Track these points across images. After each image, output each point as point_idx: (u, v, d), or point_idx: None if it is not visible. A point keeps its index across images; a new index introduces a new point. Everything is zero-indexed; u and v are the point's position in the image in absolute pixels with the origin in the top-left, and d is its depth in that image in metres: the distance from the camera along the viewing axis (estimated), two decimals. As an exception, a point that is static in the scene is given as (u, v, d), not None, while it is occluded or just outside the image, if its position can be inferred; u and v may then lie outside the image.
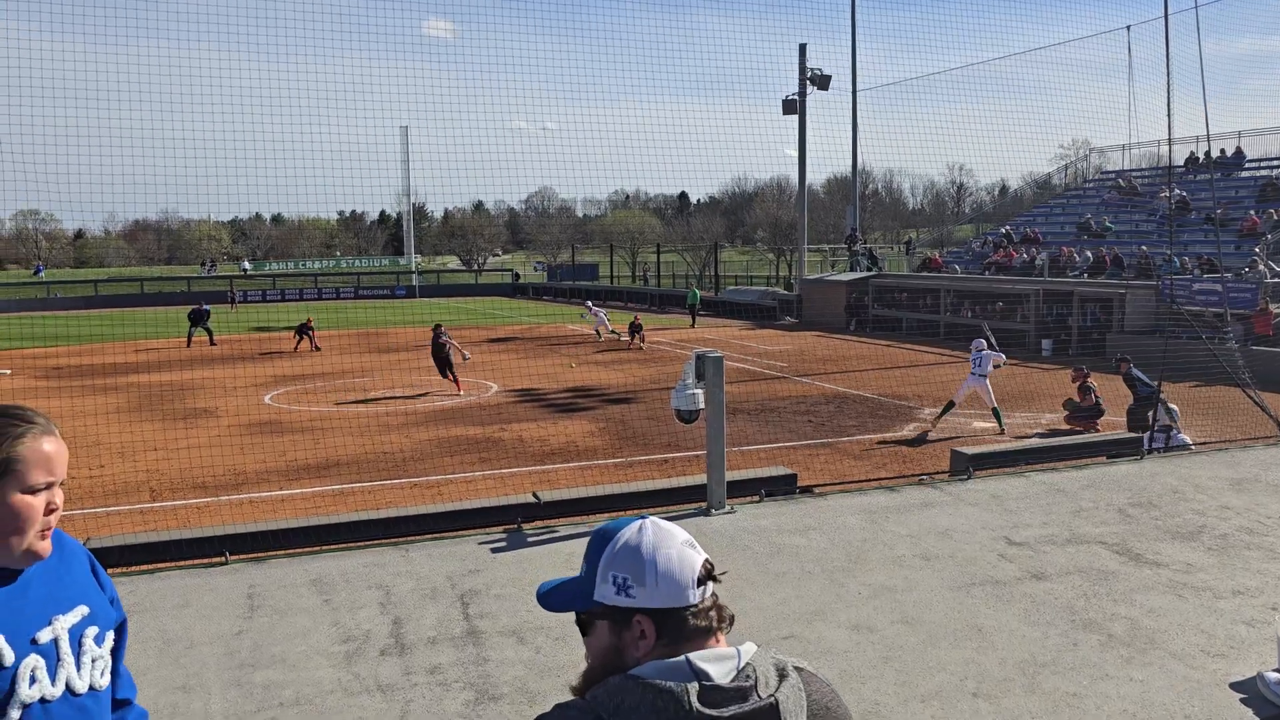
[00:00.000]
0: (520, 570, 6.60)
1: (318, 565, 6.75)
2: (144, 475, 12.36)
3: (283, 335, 30.24)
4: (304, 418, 16.54)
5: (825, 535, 7.30)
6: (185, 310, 32.34)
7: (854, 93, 37.14)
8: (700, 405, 7.85)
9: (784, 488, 8.73)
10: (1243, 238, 26.26)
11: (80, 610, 1.85)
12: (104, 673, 1.88)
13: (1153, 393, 12.14)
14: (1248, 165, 31.69)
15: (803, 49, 36.30)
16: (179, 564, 6.87)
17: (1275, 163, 30.67)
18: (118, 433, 14.78)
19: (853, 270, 36.21)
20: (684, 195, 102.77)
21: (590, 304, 33.68)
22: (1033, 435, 13.90)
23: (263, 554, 7.05)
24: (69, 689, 1.79)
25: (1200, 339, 13.90)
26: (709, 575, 1.49)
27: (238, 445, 13.85)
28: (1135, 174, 35.46)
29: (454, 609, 5.92)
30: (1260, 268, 23.31)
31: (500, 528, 7.57)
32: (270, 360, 25.35)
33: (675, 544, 1.49)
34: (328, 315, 40.36)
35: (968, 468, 9.20)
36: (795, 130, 37.48)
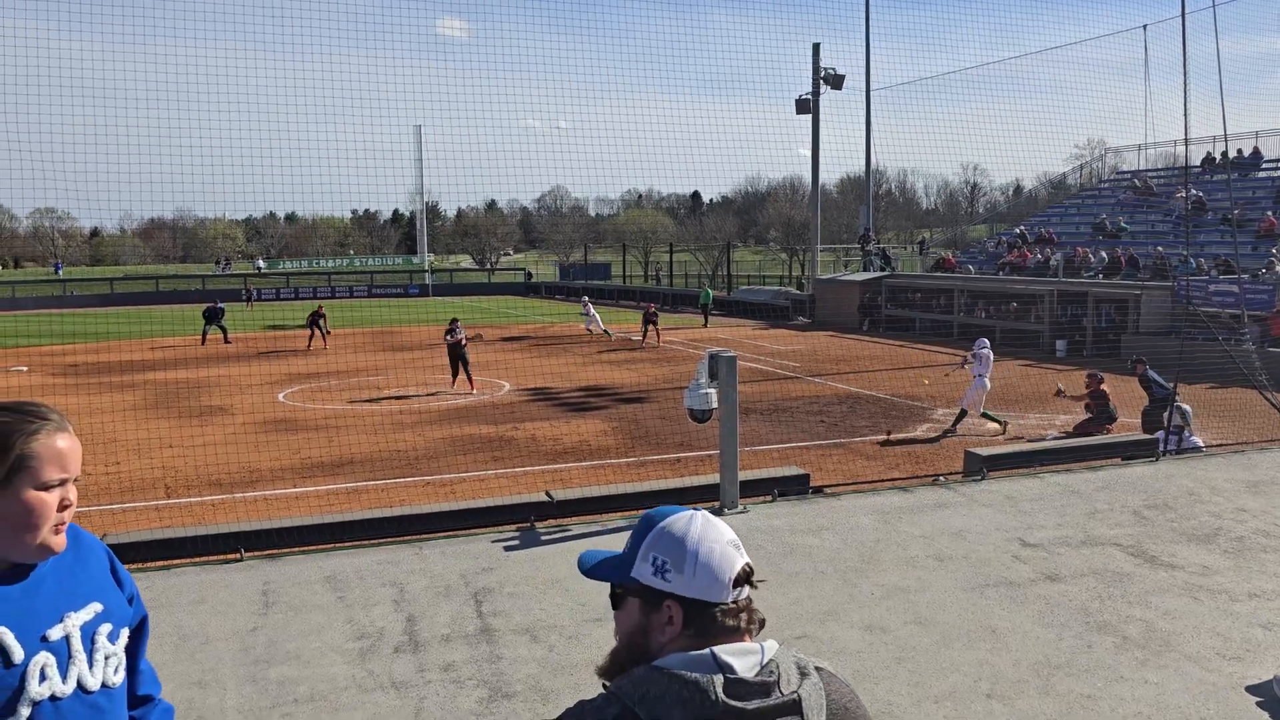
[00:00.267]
0: (533, 569, 6.62)
1: (332, 562, 6.79)
2: (159, 472, 12.44)
3: (296, 334, 30.36)
4: (317, 416, 16.61)
5: (838, 535, 7.29)
6: (200, 308, 32.50)
7: (868, 92, 37.07)
8: (713, 405, 7.85)
9: (797, 488, 8.72)
10: (1260, 239, 26.08)
11: (94, 607, 1.84)
12: (118, 670, 1.87)
13: (1168, 394, 12.07)
14: (1265, 165, 31.45)
15: (816, 48, 36.23)
16: (194, 560, 6.91)
17: (1293, 163, 30.45)
18: (133, 430, 14.88)
19: (866, 270, 36.11)
20: (697, 195, 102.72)
21: (587, 300, 33.50)
22: (1047, 437, 13.84)
23: (277, 551, 7.09)
24: (80, 686, 1.79)
25: (1216, 340, 13.81)
26: (747, 579, 1.50)
27: (252, 443, 13.92)
28: (1151, 174, 35.25)
29: (467, 607, 5.94)
30: (1277, 269, 23.15)
31: (513, 526, 7.59)
32: (284, 358, 25.46)
33: (720, 540, 1.51)
34: (341, 314, 40.50)
35: (981, 468, 9.17)
36: (809, 130, 37.44)
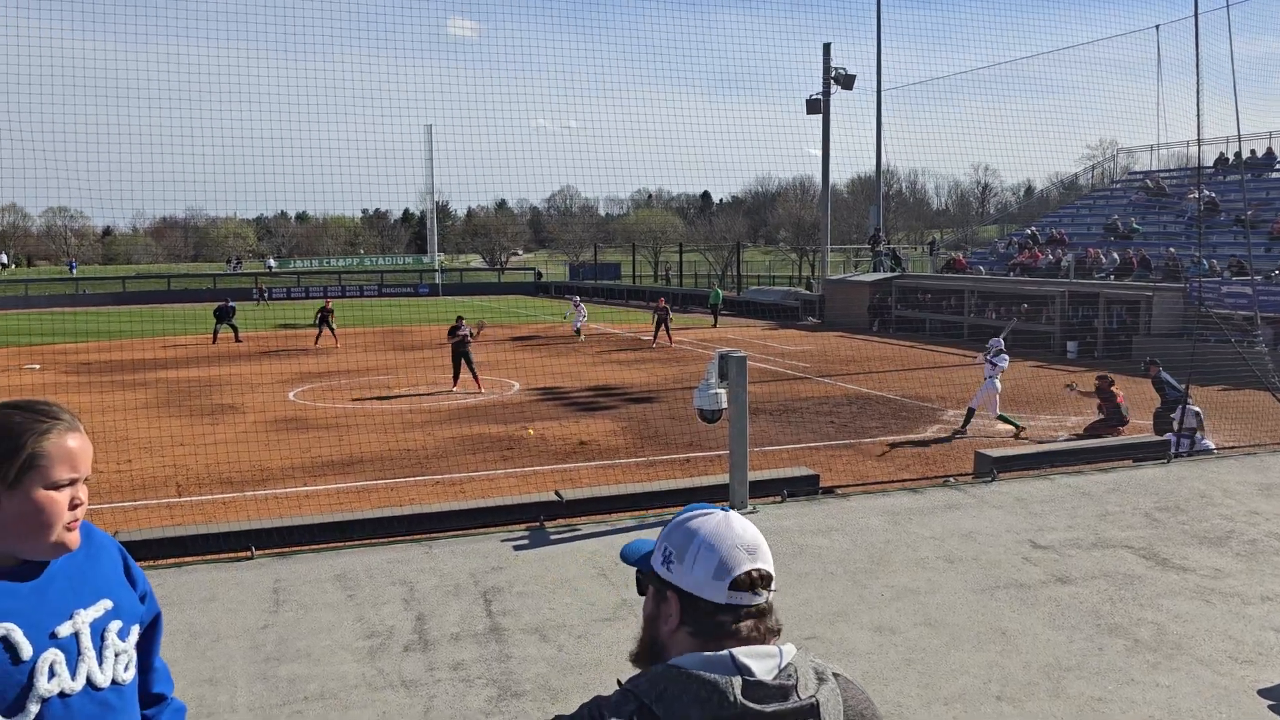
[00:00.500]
0: (542, 568, 6.62)
1: (342, 561, 6.81)
2: (170, 470, 12.49)
3: (308, 332, 30.43)
4: (328, 414, 16.66)
5: (848, 536, 7.28)
6: (211, 307, 32.58)
7: (879, 92, 36.99)
8: (723, 405, 7.85)
9: (806, 488, 8.71)
10: (1273, 240, 25.93)
11: (103, 604, 1.84)
12: (128, 667, 1.87)
13: (1180, 396, 12.02)
14: (1279, 166, 31.28)
15: (827, 48, 36.18)
16: (205, 558, 6.94)
17: (1307, 164, 30.27)
18: (145, 428, 14.94)
19: (876, 271, 36.03)
20: (706, 195, 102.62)
21: (578, 299, 33.13)
22: (1058, 438, 13.79)
23: (288, 549, 7.12)
24: (90, 683, 1.79)
25: (1229, 342, 13.75)
26: (752, 585, 1.46)
27: (262, 441, 13.96)
28: (1164, 175, 35.07)
29: (477, 606, 5.95)
30: (1291, 270, 23.00)
31: (523, 525, 7.60)
32: (295, 357, 25.54)
33: (729, 542, 1.48)
34: (351, 313, 40.61)
35: (992, 470, 9.15)
36: (819, 130, 37.39)
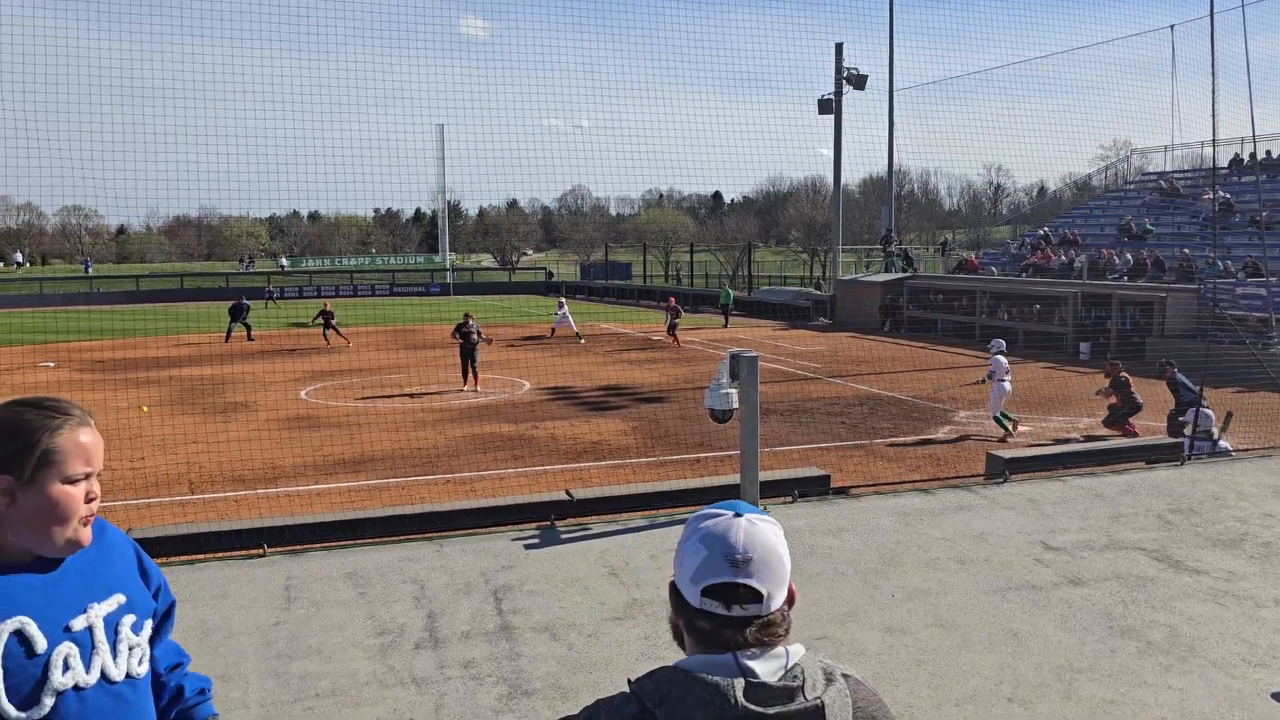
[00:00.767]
0: (553, 567, 6.63)
1: (353, 559, 6.83)
2: (183, 468, 12.55)
3: (318, 331, 30.53)
4: (339, 413, 16.71)
5: (859, 537, 7.27)
6: (224, 305, 32.69)
7: (891, 92, 36.88)
8: (734, 405, 7.84)
9: (817, 489, 8.70)
10: (1288, 241, 25.75)
11: (117, 598, 1.86)
12: (142, 661, 1.88)
13: (1195, 398, 11.96)
14: (1294, 167, 31.06)
15: (839, 48, 36.09)
16: (218, 555, 6.97)
17: (1323, 165, 30.04)
18: (158, 426, 15.02)
19: (887, 271, 35.95)
20: (718, 195, 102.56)
21: (563, 300, 32.91)
22: (1071, 439, 13.73)
23: (300, 547, 7.15)
24: (104, 677, 1.80)
25: (1244, 344, 13.67)
26: (722, 597, 1.41)
27: (274, 439, 14.01)
28: (1178, 175, 34.89)
29: (487, 604, 5.96)
30: (1306, 272, 22.85)
31: (533, 524, 7.61)
32: (307, 356, 25.63)
33: (717, 548, 1.43)
34: (363, 312, 40.73)
35: (1004, 471, 9.12)
36: (831, 130, 37.29)
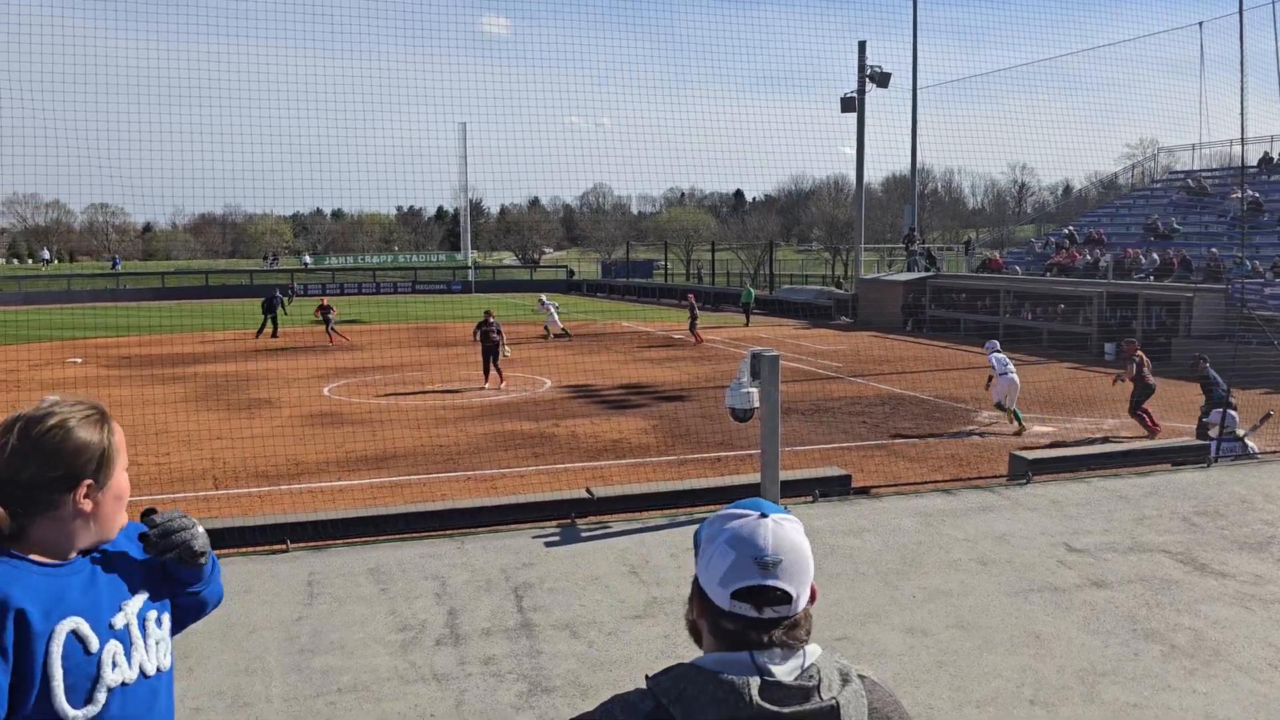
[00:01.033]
0: (573, 565, 6.65)
1: (375, 555, 6.88)
2: (207, 463, 12.66)
3: (341, 328, 30.70)
4: (361, 410, 16.81)
5: (879, 537, 7.24)
6: (247, 302, 32.90)
7: (914, 90, 36.69)
8: (755, 404, 7.83)
9: (838, 489, 8.67)
10: (1318, 241, 25.43)
11: (142, 595, 1.93)
12: (166, 653, 1.95)
13: (1224, 396, 11.86)
14: (1325, 166, 30.66)
15: (862, 46, 35.94)
16: (241, 550, 7.03)
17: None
18: (183, 421, 15.17)
19: (910, 270, 35.76)
20: (739, 193, 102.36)
21: (544, 298, 31.98)
22: (1095, 440, 13.62)
23: (322, 542, 7.20)
24: (142, 671, 1.86)
25: (1272, 344, 13.51)
26: (752, 599, 1.42)
27: (297, 436, 14.11)
28: (1205, 174, 34.49)
29: (508, 601, 5.98)
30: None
31: (554, 522, 7.63)
32: (330, 353, 25.81)
33: (746, 551, 1.43)
34: (385, 309, 40.95)
35: (1026, 472, 9.05)
36: (853, 128, 37.16)
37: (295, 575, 6.46)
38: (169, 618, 2.00)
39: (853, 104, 36.48)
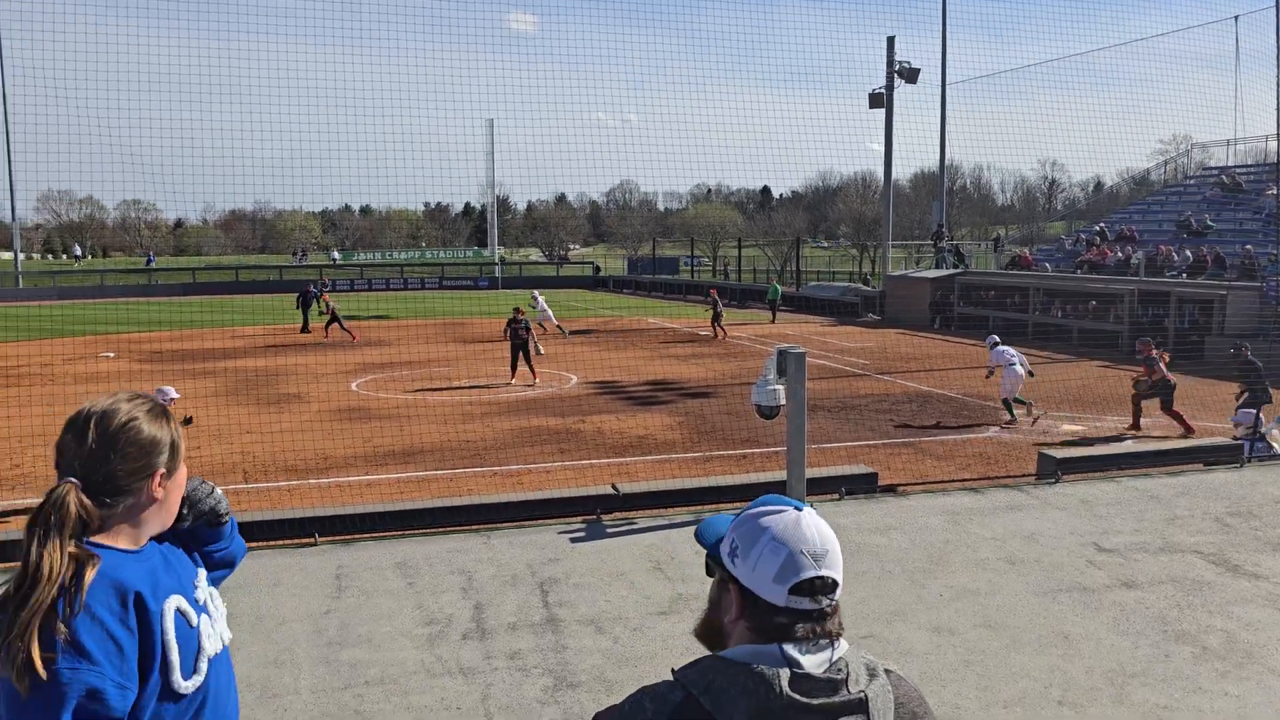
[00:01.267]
0: (599, 560, 6.67)
1: (403, 549, 6.93)
2: (238, 457, 12.80)
3: (369, 324, 30.93)
4: (389, 405, 16.93)
5: (906, 535, 7.21)
6: (277, 298, 33.19)
7: (943, 86, 36.42)
8: (781, 401, 7.80)
9: (865, 486, 8.64)
10: (1356, 238, 24.97)
11: (201, 570, 2.09)
12: (228, 625, 2.11)
13: (1264, 388, 11.75)
14: (1363, 161, 30.07)
15: (890, 41, 35.71)
16: (271, 544, 7.11)
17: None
18: (213, 415, 15.34)
19: (938, 267, 35.50)
20: (766, 189, 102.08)
21: (536, 294, 30.49)
22: (1125, 439, 13.47)
23: (350, 536, 7.26)
24: (222, 640, 2.04)
25: (1307, 344, 13.30)
26: (811, 591, 1.44)
27: (325, 430, 14.23)
28: (1240, 170, 33.99)
29: (534, 596, 6.01)
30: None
31: (580, 518, 7.65)
32: (358, 349, 26.00)
33: (796, 544, 1.45)
34: (413, 305, 41.15)
35: (1055, 471, 8.98)
36: (881, 124, 36.93)
37: (323, 569, 6.52)
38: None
39: (881, 100, 36.26)
